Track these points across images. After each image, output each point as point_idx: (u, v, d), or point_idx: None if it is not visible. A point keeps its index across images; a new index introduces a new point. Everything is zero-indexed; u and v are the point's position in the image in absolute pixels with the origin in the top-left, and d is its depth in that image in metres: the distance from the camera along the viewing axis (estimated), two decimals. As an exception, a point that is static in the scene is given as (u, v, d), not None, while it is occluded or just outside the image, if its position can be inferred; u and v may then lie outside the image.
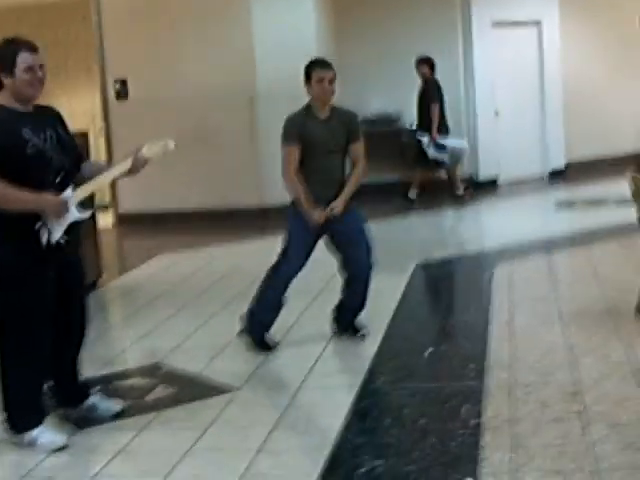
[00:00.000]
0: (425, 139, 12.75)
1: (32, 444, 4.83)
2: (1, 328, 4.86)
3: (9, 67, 4.69)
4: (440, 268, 8.84)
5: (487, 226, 12.09)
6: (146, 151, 4.99)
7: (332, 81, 6.23)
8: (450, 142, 12.92)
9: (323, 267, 6.72)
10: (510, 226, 11.02)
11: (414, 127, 13.30)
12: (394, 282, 8.15)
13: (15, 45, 4.74)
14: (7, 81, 4.72)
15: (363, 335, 6.45)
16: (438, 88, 13.03)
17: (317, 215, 6.13)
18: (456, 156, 13.07)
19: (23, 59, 4.70)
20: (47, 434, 4.86)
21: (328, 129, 6.22)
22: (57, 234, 4.75)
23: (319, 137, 6.18)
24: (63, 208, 4.74)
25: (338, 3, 13.86)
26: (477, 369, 5.62)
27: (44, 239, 4.72)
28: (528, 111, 14.66)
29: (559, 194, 13.42)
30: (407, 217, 12.12)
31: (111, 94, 12.77)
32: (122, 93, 12.70)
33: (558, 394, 5.08)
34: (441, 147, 12.83)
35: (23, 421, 4.89)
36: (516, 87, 14.41)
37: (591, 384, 5.21)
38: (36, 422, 4.87)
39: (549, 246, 9.46)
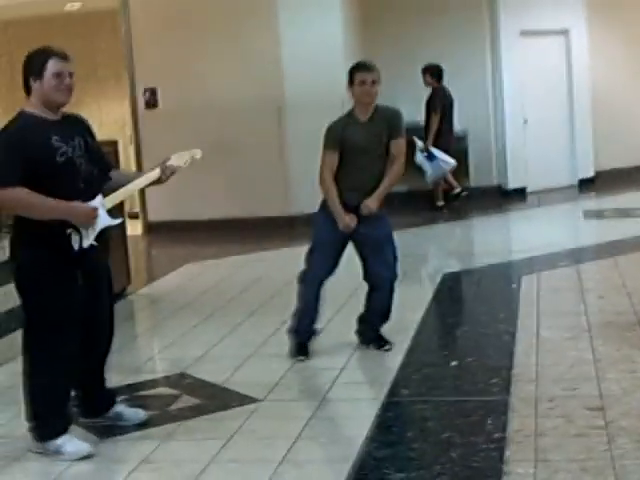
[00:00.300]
0: (419, 144, 12.67)
1: (57, 452, 4.84)
2: (30, 334, 4.93)
3: (38, 72, 4.76)
4: (467, 278, 8.82)
5: (515, 235, 12.05)
6: (174, 161, 5.05)
7: (374, 83, 6.21)
8: (441, 156, 12.82)
9: (350, 276, 6.70)
10: (538, 236, 10.95)
11: None
12: (421, 292, 8.16)
13: (46, 52, 4.83)
14: (35, 85, 4.78)
15: (386, 350, 6.43)
16: (444, 97, 13.02)
17: (349, 219, 6.14)
18: (438, 171, 12.96)
19: (52, 65, 4.77)
20: (72, 442, 4.87)
21: (368, 131, 6.21)
22: (88, 240, 4.79)
23: (359, 141, 6.17)
24: (92, 216, 4.77)
25: (366, 13, 13.87)
26: (502, 382, 5.59)
27: (75, 245, 4.75)
28: (556, 120, 14.60)
29: (588, 203, 13.35)
30: (434, 226, 12.09)
31: (141, 103, 12.83)
32: (151, 102, 12.76)
33: (583, 408, 5.05)
34: (430, 157, 12.74)
35: (49, 429, 4.90)
36: (544, 96, 14.36)
37: (616, 399, 5.18)
38: (62, 430, 4.89)
39: (577, 256, 9.41)
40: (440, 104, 12.97)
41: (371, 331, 6.52)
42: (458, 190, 13.28)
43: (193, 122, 12.28)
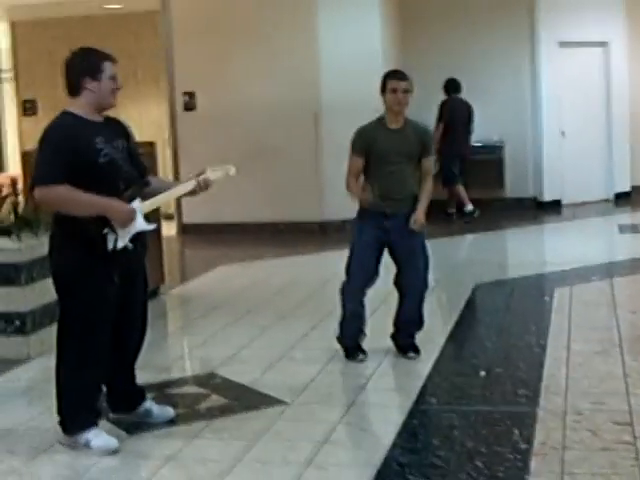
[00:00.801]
0: None
1: (86, 446, 4.90)
2: (63, 330, 5.00)
3: (95, 73, 4.84)
4: (500, 289, 8.79)
5: (549, 248, 12.01)
6: (209, 174, 5.11)
7: (406, 91, 6.27)
8: None
9: (383, 282, 6.71)
10: (572, 249, 10.92)
11: None
12: (453, 302, 8.17)
13: (99, 54, 4.92)
14: (91, 85, 4.84)
15: (409, 358, 6.44)
16: (450, 109, 13.25)
17: (368, 195, 6.19)
18: None
19: (109, 68, 4.89)
20: (101, 437, 4.93)
21: (399, 138, 6.27)
22: (123, 241, 4.84)
23: (389, 145, 6.24)
24: (130, 216, 4.83)
25: (405, 19, 13.91)
26: (530, 394, 5.59)
27: (110, 245, 4.81)
28: (594, 133, 14.55)
29: (623, 218, 13.28)
30: (468, 236, 12.08)
31: (179, 106, 12.91)
32: (190, 105, 12.83)
33: (610, 423, 5.03)
34: None
35: (78, 423, 4.96)
36: (582, 108, 14.31)
37: (644, 414, 5.17)
38: (91, 424, 4.95)
39: (611, 271, 9.37)
40: (445, 115, 13.22)
41: (401, 338, 6.55)
42: (470, 208, 13.35)
43: (229, 126, 12.35)
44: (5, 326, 6.69)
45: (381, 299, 7.42)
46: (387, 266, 6.51)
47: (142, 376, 5.44)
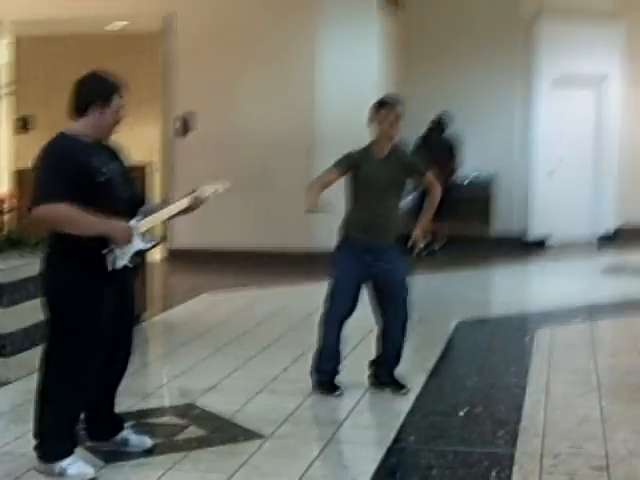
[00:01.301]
0: None
1: (62, 474, 4.86)
2: (52, 352, 4.95)
3: (103, 104, 4.90)
4: (482, 328, 8.82)
5: (532, 287, 12.04)
6: (203, 191, 5.14)
7: (397, 119, 6.34)
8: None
9: (362, 319, 6.73)
10: (555, 289, 10.97)
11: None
12: (434, 339, 8.18)
13: (111, 85, 4.98)
14: (96, 112, 4.90)
15: (404, 393, 6.44)
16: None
17: (317, 203, 6.25)
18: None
19: (117, 101, 4.94)
20: (77, 465, 4.89)
21: (384, 168, 6.33)
22: (122, 261, 4.88)
23: (373, 175, 6.30)
24: (129, 235, 4.86)
25: (403, 53, 14.01)
26: (508, 435, 5.60)
27: (109, 265, 4.83)
28: (582, 174, 14.63)
29: (608, 259, 13.35)
30: (452, 272, 12.09)
31: (174, 128, 12.94)
32: (185, 129, 12.86)
33: (586, 468, 5.05)
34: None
35: (55, 449, 4.91)
36: (572, 148, 14.40)
37: (621, 459, 5.18)
38: (67, 452, 4.91)
39: (592, 313, 9.39)
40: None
41: (387, 375, 6.56)
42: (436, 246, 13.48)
43: (224, 151, 12.39)
44: (-15, 348, 6.67)
45: (360, 336, 7.45)
46: (364, 301, 6.51)
47: (121, 404, 5.44)
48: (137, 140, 15.06)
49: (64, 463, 4.87)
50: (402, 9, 14.12)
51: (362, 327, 7.30)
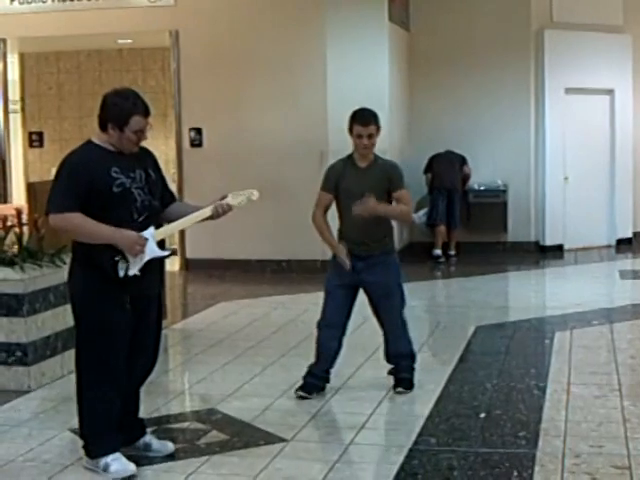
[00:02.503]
0: None
1: (105, 470, 4.98)
2: (80, 354, 5.07)
3: (121, 124, 4.91)
4: (501, 332, 8.80)
5: (550, 292, 12.00)
6: (231, 200, 5.16)
7: (371, 136, 6.36)
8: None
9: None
10: (573, 293, 10.92)
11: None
12: (454, 343, 8.17)
13: (133, 105, 4.95)
14: (112, 132, 4.94)
15: (397, 392, 6.53)
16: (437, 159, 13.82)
17: (341, 250, 6.33)
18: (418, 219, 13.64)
19: (136, 123, 4.93)
20: (120, 461, 5.00)
21: (366, 178, 6.38)
22: (134, 269, 4.91)
23: (355, 184, 6.35)
24: (139, 245, 4.89)
25: (413, 62, 14.06)
26: (530, 436, 5.60)
27: (121, 272, 4.87)
28: (597, 179, 14.60)
29: (624, 263, 13.30)
30: (471, 278, 12.08)
31: (186, 142, 12.96)
32: (196, 141, 12.89)
33: (608, 466, 5.04)
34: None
35: (97, 446, 5.04)
36: (586, 154, 14.38)
37: (642, 459, 5.17)
38: (110, 449, 5.02)
39: (611, 316, 9.39)
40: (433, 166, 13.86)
41: (396, 373, 6.64)
42: (437, 253, 13.68)
43: (236, 163, 12.40)
44: (6, 357, 6.70)
45: (380, 340, 7.45)
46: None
47: (143, 410, 5.46)
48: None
49: (108, 459, 4.99)
50: (412, 21, 14.16)
51: (380, 331, 7.30)
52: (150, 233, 4.95)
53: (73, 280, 5.11)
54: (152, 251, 4.95)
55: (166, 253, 5.13)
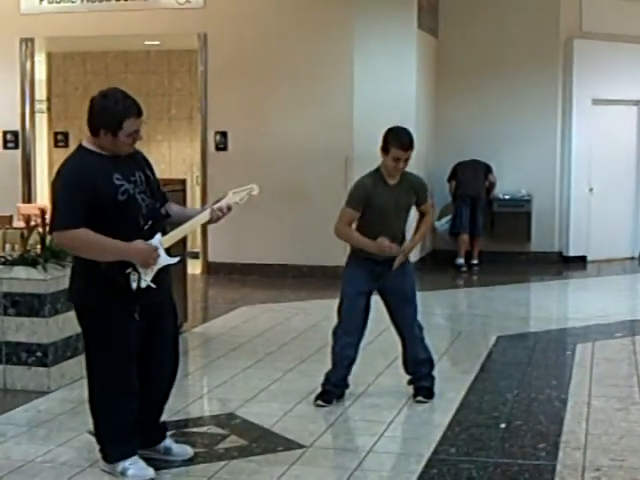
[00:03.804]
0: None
1: (123, 474, 4.96)
2: (89, 362, 5.02)
3: (114, 129, 4.74)
4: (522, 342, 8.76)
5: (573, 303, 11.96)
6: (232, 197, 5.13)
7: (408, 160, 6.32)
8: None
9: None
10: (596, 305, 10.86)
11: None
12: (475, 352, 8.15)
13: (125, 109, 4.76)
14: (106, 137, 4.77)
15: (417, 401, 6.50)
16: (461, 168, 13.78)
17: (383, 241, 6.22)
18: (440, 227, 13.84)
19: (129, 125, 4.77)
20: (137, 466, 4.98)
21: (396, 193, 6.36)
22: (146, 279, 4.83)
23: (386, 201, 6.33)
24: (153, 256, 4.81)
25: (440, 69, 14.01)
26: (550, 447, 5.56)
27: (133, 284, 4.80)
28: (622, 191, 14.50)
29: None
30: (493, 288, 12.02)
31: (211, 145, 12.97)
32: (221, 145, 12.90)
33: (629, 480, 5.02)
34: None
35: (114, 451, 5.01)
36: (612, 165, 14.29)
37: (664, 473, 5.13)
38: (128, 453, 5.00)
39: (633, 328, 9.31)
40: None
41: (416, 381, 6.62)
42: (459, 262, 13.62)
43: (260, 167, 12.38)
44: (27, 357, 6.72)
45: (399, 349, 7.44)
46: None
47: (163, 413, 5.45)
48: (177, 155, 15.27)
49: (126, 463, 4.97)
50: (440, 28, 14.12)
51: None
52: (158, 240, 4.86)
53: (79, 293, 4.96)
54: (163, 259, 4.88)
55: (176, 260, 5.04)
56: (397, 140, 6.29)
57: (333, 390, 6.51)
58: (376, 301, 6.60)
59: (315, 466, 5.29)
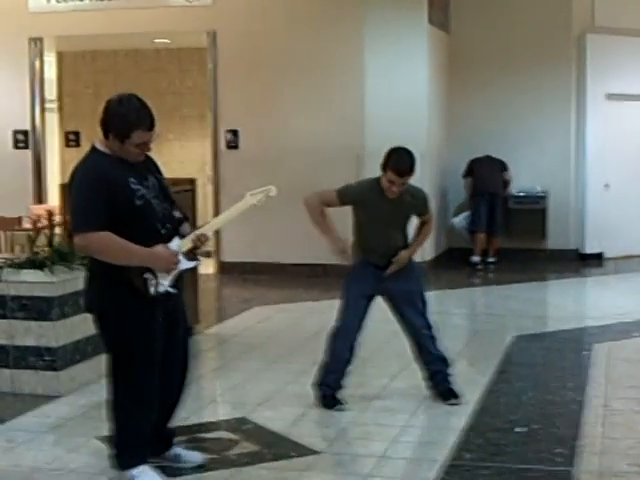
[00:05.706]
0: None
1: None
2: (113, 367, 4.92)
3: (121, 137, 4.67)
4: (538, 342, 8.65)
5: (589, 301, 11.84)
6: (249, 199, 5.08)
7: (403, 185, 6.22)
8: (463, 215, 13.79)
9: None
10: (613, 303, 10.74)
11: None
12: (490, 353, 8.04)
13: (137, 118, 4.68)
14: (113, 143, 4.71)
15: (451, 404, 6.38)
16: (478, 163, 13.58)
17: (341, 245, 6.43)
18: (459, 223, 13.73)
19: (138, 137, 4.69)
20: (147, 474, 4.90)
21: (395, 206, 6.30)
22: (165, 284, 4.76)
23: (381, 213, 6.30)
24: (175, 261, 4.75)
25: (452, 66, 13.89)
26: (567, 452, 5.45)
27: (152, 289, 4.72)
28: (639, 186, 14.35)
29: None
30: (509, 286, 11.91)
31: (222, 143, 12.89)
32: (233, 143, 12.82)
33: (650, 487, 4.91)
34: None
35: (125, 459, 4.94)
36: (628, 161, 14.14)
37: (685, 479, 5.02)
38: (138, 461, 4.92)
39: (651, 327, 9.21)
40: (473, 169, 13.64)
41: (438, 383, 6.51)
42: (475, 259, 13.47)
43: (272, 165, 12.31)
44: (35, 361, 6.64)
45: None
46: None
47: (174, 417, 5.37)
48: (188, 154, 15.21)
49: (135, 471, 4.89)
50: (452, 24, 14.01)
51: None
52: (177, 244, 4.80)
53: (98, 295, 4.86)
54: (182, 263, 4.81)
55: (194, 264, 4.96)
56: (395, 165, 6.20)
57: (333, 393, 6.40)
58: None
59: (328, 473, 5.23)
